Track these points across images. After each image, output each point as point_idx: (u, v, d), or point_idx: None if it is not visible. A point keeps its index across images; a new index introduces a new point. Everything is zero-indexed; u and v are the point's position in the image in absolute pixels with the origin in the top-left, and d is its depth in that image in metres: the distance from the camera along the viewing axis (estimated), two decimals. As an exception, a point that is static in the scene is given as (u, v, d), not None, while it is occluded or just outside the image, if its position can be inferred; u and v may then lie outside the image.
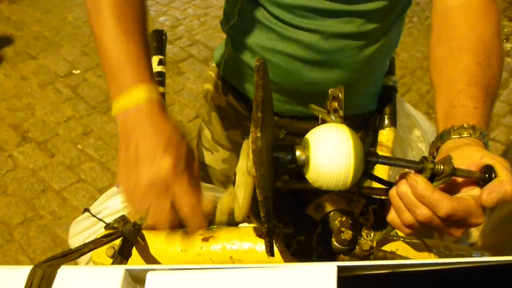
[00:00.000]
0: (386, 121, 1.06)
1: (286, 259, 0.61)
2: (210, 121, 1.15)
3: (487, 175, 0.53)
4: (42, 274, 0.37)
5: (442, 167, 0.53)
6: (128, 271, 0.39)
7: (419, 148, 1.16)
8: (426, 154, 1.10)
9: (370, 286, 0.38)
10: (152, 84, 0.66)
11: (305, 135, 0.53)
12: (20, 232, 2.15)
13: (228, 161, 1.17)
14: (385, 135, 1.06)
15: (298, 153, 0.51)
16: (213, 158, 1.16)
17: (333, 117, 0.60)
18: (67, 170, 2.43)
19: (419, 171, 0.54)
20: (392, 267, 0.38)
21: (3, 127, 2.62)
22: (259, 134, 0.42)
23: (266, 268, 0.38)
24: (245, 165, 0.53)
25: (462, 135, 0.63)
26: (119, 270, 0.38)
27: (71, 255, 0.46)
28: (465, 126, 0.64)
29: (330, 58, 0.90)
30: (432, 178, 0.54)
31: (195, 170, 0.64)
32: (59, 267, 0.38)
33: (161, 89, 1.07)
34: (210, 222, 0.67)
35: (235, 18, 0.99)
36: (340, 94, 0.61)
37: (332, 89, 0.62)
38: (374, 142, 1.10)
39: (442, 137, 0.66)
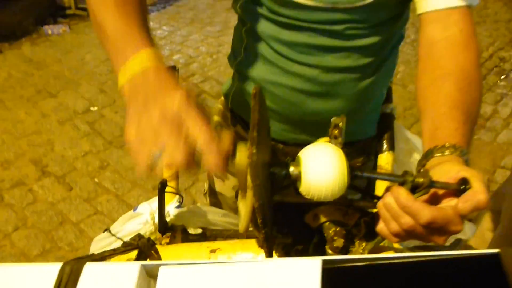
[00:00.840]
0: (385, 146, 1.13)
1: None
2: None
3: (462, 187, 0.60)
4: (70, 268, 0.44)
5: (421, 179, 0.59)
6: (143, 266, 0.45)
7: (418, 171, 1.22)
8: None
9: (352, 277, 0.45)
10: (154, 49, 0.67)
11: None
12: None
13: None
14: (384, 159, 1.13)
15: (291, 169, 0.58)
16: (224, 186, 1.23)
17: (333, 143, 0.66)
18: (84, 202, 2.52)
19: (401, 184, 0.61)
20: (370, 260, 0.44)
21: (24, 163, 2.73)
22: (254, 151, 0.50)
23: (259, 263, 0.45)
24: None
25: (444, 153, 0.70)
26: (136, 266, 0.45)
27: (94, 257, 0.52)
28: (447, 145, 0.70)
29: (330, 90, 0.98)
30: (413, 190, 0.60)
31: (206, 111, 0.63)
32: (85, 263, 0.45)
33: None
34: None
35: (242, 55, 1.08)
36: (341, 123, 0.67)
37: (334, 118, 0.68)
38: (375, 166, 1.17)
39: (427, 155, 0.72)
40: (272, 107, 1.04)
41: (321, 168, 0.55)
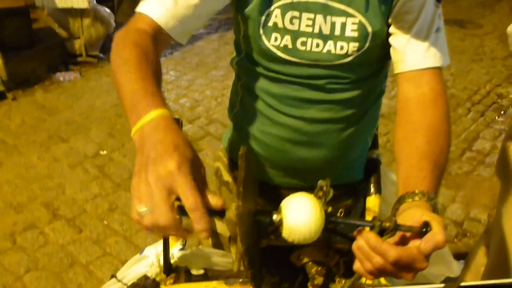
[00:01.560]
0: (372, 189, 1.22)
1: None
2: (219, 195, 1.32)
3: (424, 229, 0.69)
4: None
5: (387, 224, 0.69)
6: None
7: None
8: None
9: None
10: (164, 109, 0.74)
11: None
12: (50, 304, 2.28)
13: None
14: (372, 201, 1.22)
15: (274, 216, 0.68)
16: (223, 227, 1.32)
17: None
18: (93, 244, 2.60)
19: (371, 228, 0.70)
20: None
21: (36, 206, 2.83)
22: (240, 203, 0.60)
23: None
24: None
25: (414, 199, 0.80)
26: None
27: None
28: (416, 192, 0.80)
29: (314, 140, 1.09)
30: (381, 233, 0.69)
31: (202, 174, 0.71)
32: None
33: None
34: None
35: (238, 107, 1.19)
36: (325, 186, 0.76)
37: (320, 181, 0.76)
38: (364, 208, 1.26)
39: (399, 200, 0.82)
40: (265, 155, 1.14)
41: (299, 215, 0.65)
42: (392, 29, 1.01)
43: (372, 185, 1.22)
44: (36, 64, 4.67)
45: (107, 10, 4.97)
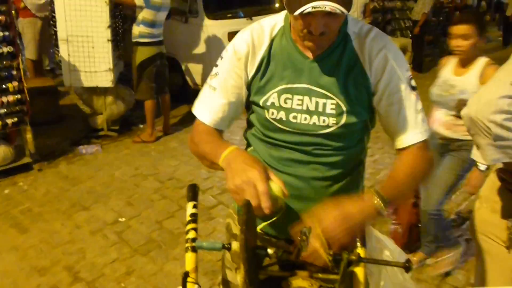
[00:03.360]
0: (358, 243, 1.43)
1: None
2: (230, 247, 1.55)
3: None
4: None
5: (352, 257, 0.91)
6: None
7: (389, 265, 1.50)
8: (395, 269, 1.46)
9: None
10: (235, 146, 1.26)
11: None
12: None
13: None
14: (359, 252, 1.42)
15: (269, 251, 0.91)
16: (233, 275, 1.53)
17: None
18: (110, 307, 2.76)
19: (341, 260, 0.93)
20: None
21: (59, 269, 3.03)
22: (242, 236, 0.83)
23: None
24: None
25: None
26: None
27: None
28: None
29: (304, 194, 1.34)
30: (349, 264, 0.92)
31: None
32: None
33: (193, 225, 1.48)
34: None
35: None
36: (307, 232, 1.01)
37: (304, 228, 1.02)
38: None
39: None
40: None
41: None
42: (382, 117, 1.34)
43: (358, 239, 1.42)
44: (61, 138, 5.04)
45: (129, 88, 5.40)
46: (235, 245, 0.91)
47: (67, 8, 4.71)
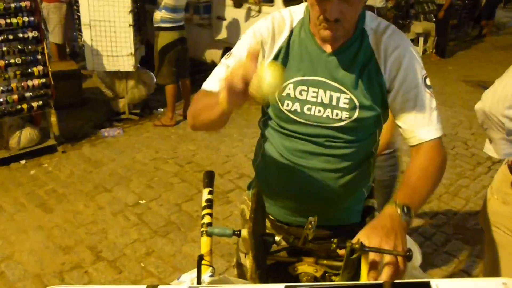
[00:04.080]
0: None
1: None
2: (239, 233, 1.61)
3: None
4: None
5: (356, 245, 0.96)
6: None
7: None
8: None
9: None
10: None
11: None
12: (92, 336, 2.54)
13: None
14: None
15: (277, 238, 0.96)
16: (246, 259, 1.59)
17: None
18: (131, 284, 2.87)
19: (344, 248, 0.97)
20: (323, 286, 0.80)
21: (82, 248, 3.15)
22: (251, 224, 0.89)
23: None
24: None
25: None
26: None
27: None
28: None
29: (314, 185, 1.38)
30: (352, 253, 0.97)
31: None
32: None
33: (208, 210, 1.54)
34: None
35: (259, 158, 1.51)
36: (313, 221, 1.05)
37: (310, 217, 1.06)
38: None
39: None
40: (278, 197, 1.44)
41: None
42: (397, 113, 1.34)
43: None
44: (84, 121, 5.16)
45: (150, 73, 5.48)
46: (244, 232, 0.97)
47: (90, -7, 4.79)
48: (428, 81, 1.35)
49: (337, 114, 1.33)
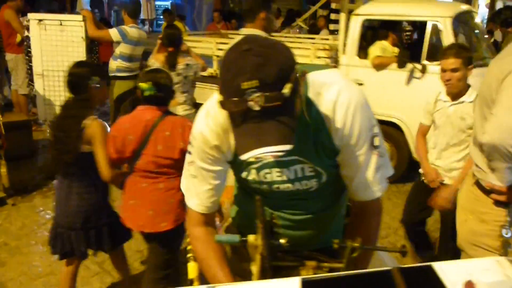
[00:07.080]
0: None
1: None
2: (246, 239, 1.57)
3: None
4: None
5: (356, 244, 1.01)
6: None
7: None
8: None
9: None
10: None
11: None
12: None
13: None
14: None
15: (282, 241, 1.00)
16: (251, 266, 1.57)
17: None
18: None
19: (344, 247, 1.02)
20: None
21: (40, 301, 2.98)
22: (261, 225, 0.92)
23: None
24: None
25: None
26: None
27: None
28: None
29: (297, 225, 1.43)
30: (352, 251, 1.01)
31: None
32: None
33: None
34: None
35: (235, 202, 1.62)
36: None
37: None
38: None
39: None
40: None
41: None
42: (342, 171, 1.35)
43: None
44: (35, 172, 4.98)
45: (104, 123, 5.40)
46: (251, 238, 1.00)
47: (43, 43, 4.77)
48: (376, 141, 1.30)
49: (306, 184, 1.36)
